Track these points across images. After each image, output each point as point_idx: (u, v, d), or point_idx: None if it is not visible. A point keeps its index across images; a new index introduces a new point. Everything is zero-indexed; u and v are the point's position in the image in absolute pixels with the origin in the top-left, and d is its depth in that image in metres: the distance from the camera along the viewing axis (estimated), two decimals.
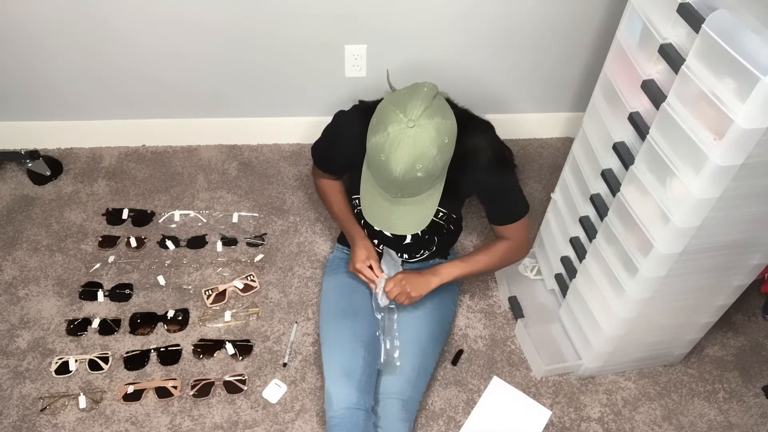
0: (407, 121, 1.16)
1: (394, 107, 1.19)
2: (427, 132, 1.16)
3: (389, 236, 1.54)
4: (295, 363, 1.64)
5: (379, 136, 1.18)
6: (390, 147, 1.17)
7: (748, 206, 1.15)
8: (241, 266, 1.83)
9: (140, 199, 1.99)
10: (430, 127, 1.17)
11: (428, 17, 1.85)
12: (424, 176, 1.20)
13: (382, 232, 1.54)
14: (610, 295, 1.42)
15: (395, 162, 1.17)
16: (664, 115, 1.12)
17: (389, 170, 1.18)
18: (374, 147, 1.19)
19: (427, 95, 1.20)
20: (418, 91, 1.21)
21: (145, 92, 2.00)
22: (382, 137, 1.18)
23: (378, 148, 1.19)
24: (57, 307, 1.72)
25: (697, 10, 1.02)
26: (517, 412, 1.56)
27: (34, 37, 1.81)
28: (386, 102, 1.23)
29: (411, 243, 1.55)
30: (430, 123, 1.17)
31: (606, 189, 1.38)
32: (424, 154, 1.17)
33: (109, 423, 1.52)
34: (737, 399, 1.65)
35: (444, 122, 1.19)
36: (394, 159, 1.17)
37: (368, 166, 1.28)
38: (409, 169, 1.18)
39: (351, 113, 1.44)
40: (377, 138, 1.19)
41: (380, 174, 1.22)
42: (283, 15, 1.81)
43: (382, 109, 1.22)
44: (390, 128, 1.17)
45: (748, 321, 1.80)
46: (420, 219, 1.31)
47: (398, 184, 1.21)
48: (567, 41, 1.97)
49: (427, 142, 1.17)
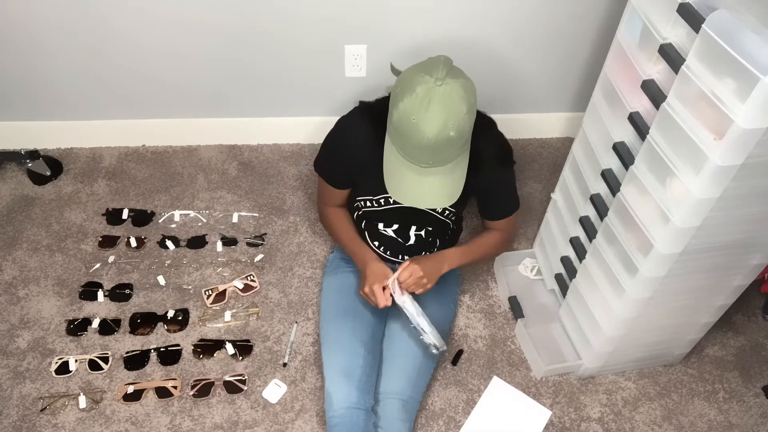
0: (434, 80, 1.15)
1: (418, 71, 1.18)
2: (456, 89, 1.16)
3: (394, 238, 1.53)
4: (295, 363, 1.64)
5: (408, 99, 1.16)
6: (421, 107, 1.14)
7: (748, 206, 1.15)
8: (241, 266, 1.83)
9: (140, 199, 1.99)
10: (457, 84, 1.16)
11: (428, 17, 1.85)
12: (456, 136, 1.18)
13: (388, 237, 1.53)
14: (610, 295, 1.42)
15: (428, 122, 1.15)
16: (664, 115, 1.12)
17: (421, 132, 1.16)
18: (403, 111, 1.17)
19: (445, 61, 1.20)
20: (435, 59, 1.21)
21: (145, 92, 2.00)
22: (411, 99, 1.15)
23: (408, 112, 1.16)
24: (57, 307, 1.72)
25: (697, 10, 1.02)
26: (517, 412, 1.56)
27: (34, 37, 1.81)
28: (407, 72, 1.21)
29: (414, 245, 1.55)
30: (457, 82, 1.17)
31: (606, 189, 1.39)
32: (455, 112, 1.16)
33: (109, 423, 1.52)
34: (737, 399, 1.65)
35: (467, 82, 1.20)
36: (426, 119, 1.14)
37: (395, 137, 1.24)
38: (441, 128, 1.15)
39: (353, 115, 1.43)
40: (406, 102, 1.16)
41: (411, 140, 1.18)
42: (283, 15, 1.81)
43: (405, 77, 1.20)
44: (418, 89, 1.15)
45: (748, 321, 1.80)
46: (451, 190, 1.28)
47: (431, 148, 1.18)
48: (567, 41, 1.97)
49: (457, 99, 1.16)
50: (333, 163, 1.49)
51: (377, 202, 1.48)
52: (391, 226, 1.52)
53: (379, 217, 1.51)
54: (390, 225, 1.52)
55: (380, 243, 1.56)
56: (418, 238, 1.53)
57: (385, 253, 1.58)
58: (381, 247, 1.57)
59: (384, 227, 1.53)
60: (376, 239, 1.56)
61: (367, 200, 1.50)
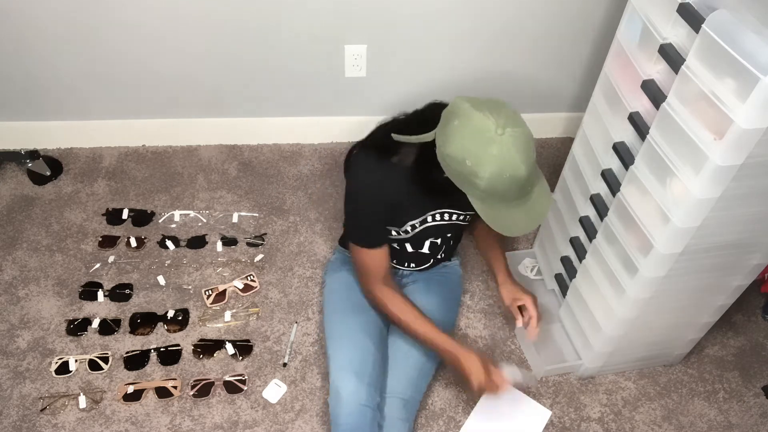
0: (495, 129, 1.11)
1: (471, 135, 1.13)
2: (513, 124, 1.13)
3: (409, 252, 1.52)
4: (295, 363, 1.64)
5: (489, 165, 1.12)
6: (504, 160, 1.11)
7: (748, 206, 1.15)
8: (241, 266, 1.84)
9: (140, 199, 1.99)
10: (508, 118, 1.13)
11: (428, 17, 1.85)
12: (536, 156, 1.18)
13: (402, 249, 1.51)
14: (610, 295, 1.42)
15: (519, 167, 1.12)
16: (664, 115, 1.12)
17: (518, 177, 1.14)
18: (491, 177, 1.13)
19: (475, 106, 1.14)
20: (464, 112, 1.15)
21: (145, 92, 2.00)
22: (491, 161, 1.11)
23: (496, 173, 1.12)
24: (57, 307, 1.72)
25: (697, 10, 1.02)
26: (517, 412, 1.56)
27: (34, 37, 1.81)
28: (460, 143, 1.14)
29: (428, 253, 1.54)
30: (504, 116, 1.13)
31: (606, 189, 1.39)
32: (527, 141, 1.15)
33: (109, 423, 1.52)
34: (737, 399, 1.65)
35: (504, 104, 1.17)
36: (515, 166, 1.12)
37: (490, 197, 1.18)
38: (528, 161, 1.14)
39: (365, 160, 1.34)
40: (489, 169, 1.12)
41: (512, 189, 1.16)
42: (283, 15, 1.81)
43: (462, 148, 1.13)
44: (492, 150, 1.11)
45: (748, 321, 1.80)
46: (547, 189, 1.26)
47: (530, 180, 1.18)
48: (567, 41, 1.98)
49: (521, 132, 1.14)
50: (371, 223, 1.40)
51: (403, 232, 1.45)
52: (406, 243, 1.50)
53: (397, 241, 1.50)
54: (405, 242, 1.50)
55: (400, 260, 1.56)
56: (433, 245, 1.52)
57: (392, 261, 1.57)
58: (401, 261, 1.57)
59: (398, 245, 1.51)
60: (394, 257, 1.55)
61: (392, 230, 1.45)
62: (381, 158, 1.31)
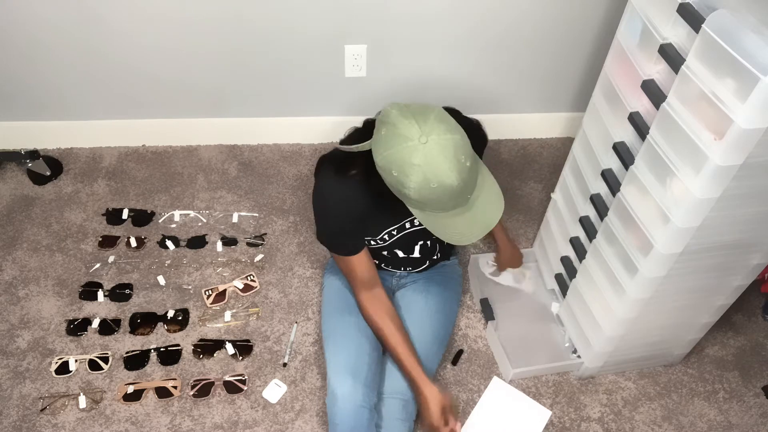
0: (419, 137, 1.07)
1: (397, 146, 1.09)
2: (438, 131, 1.09)
3: (400, 257, 1.52)
4: (295, 363, 1.64)
5: (414, 175, 1.09)
6: (429, 171, 1.08)
7: (748, 206, 1.15)
8: (241, 266, 1.83)
9: (140, 199, 1.99)
10: (434, 125, 1.09)
11: (428, 17, 1.85)
12: (471, 161, 1.13)
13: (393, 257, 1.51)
14: (610, 295, 1.42)
15: (447, 175, 1.08)
16: (664, 115, 1.12)
17: (447, 186, 1.09)
18: (418, 187, 1.10)
19: (401, 115, 1.11)
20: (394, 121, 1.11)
21: (145, 92, 2.00)
22: (417, 173, 1.08)
23: (422, 184, 1.09)
24: (57, 307, 1.72)
25: (697, 10, 1.02)
26: (517, 412, 1.56)
27: (34, 37, 1.81)
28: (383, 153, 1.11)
29: (419, 257, 1.54)
30: (430, 123, 1.10)
31: (606, 189, 1.38)
32: (456, 147, 1.09)
33: (109, 423, 1.52)
34: (737, 399, 1.65)
35: (437, 110, 1.13)
36: (443, 174, 1.08)
37: (425, 207, 1.17)
38: (459, 168, 1.09)
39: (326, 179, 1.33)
40: (414, 179, 1.09)
41: (443, 198, 1.13)
42: (283, 15, 1.81)
43: (390, 159, 1.11)
44: (414, 159, 1.07)
45: (748, 321, 1.80)
46: (496, 194, 1.22)
47: (462, 187, 1.12)
48: (567, 41, 1.97)
49: (447, 136, 1.09)
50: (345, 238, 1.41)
51: (381, 240, 1.45)
52: (396, 249, 1.51)
53: (382, 249, 1.50)
54: (394, 248, 1.50)
55: (382, 261, 1.56)
56: (424, 247, 1.52)
57: (388, 268, 1.58)
58: (383, 263, 1.56)
59: (388, 252, 1.51)
60: (378, 259, 1.55)
61: (369, 240, 1.46)
62: (339, 173, 1.27)
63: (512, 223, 1.99)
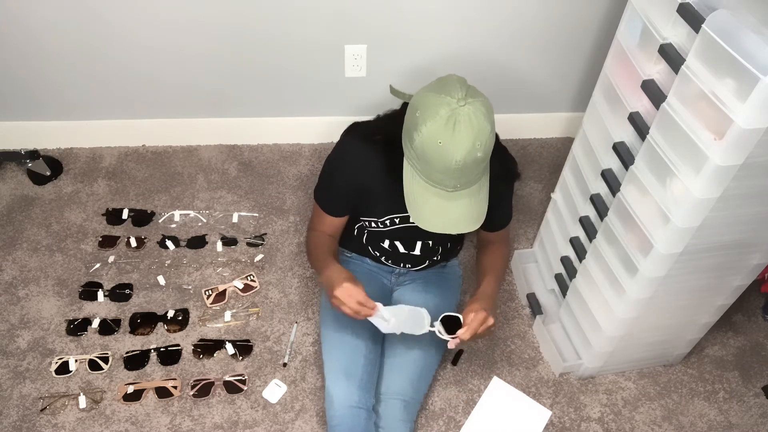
0: (456, 101, 1.10)
1: (437, 94, 1.13)
2: (479, 108, 1.11)
3: (401, 252, 1.52)
4: (295, 363, 1.64)
5: (431, 122, 1.10)
6: (446, 129, 1.09)
7: (748, 206, 1.15)
8: (241, 266, 1.83)
9: (140, 199, 1.99)
10: (479, 103, 1.12)
11: (428, 17, 1.85)
12: (483, 156, 1.14)
13: (393, 250, 1.52)
14: (610, 295, 1.42)
15: (456, 144, 1.10)
16: (664, 115, 1.12)
17: (449, 155, 1.11)
18: (428, 136, 1.11)
19: (461, 81, 1.16)
20: (449, 79, 1.17)
21: (145, 92, 2.00)
22: (435, 122, 1.10)
23: (433, 135, 1.10)
24: (57, 307, 1.72)
25: (697, 10, 1.02)
26: (517, 412, 1.56)
27: (34, 37, 1.81)
28: (423, 95, 1.16)
29: (420, 255, 1.54)
30: (478, 100, 1.12)
31: (606, 189, 1.38)
32: (482, 131, 1.11)
33: (109, 423, 1.52)
34: (737, 399, 1.65)
35: (486, 100, 1.16)
36: (454, 141, 1.10)
37: (418, 163, 1.18)
38: (470, 149, 1.11)
39: (351, 139, 1.37)
40: (429, 125, 1.11)
41: (437, 164, 1.13)
42: (283, 15, 1.81)
43: (422, 100, 1.14)
44: (441, 111, 1.10)
45: (748, 321, 1.80)
46: (478, 212, 1.23)
47: (459, 171, 1.13)
48: (567, 41, 1.97)
49: (482, 118, 1.11)
50: (334, 191, 1.43)
51: (382, 224, 1.46)
52: (397, 241, 1.51)
53: (384, 236, 1.50)
54: (395, 240, 1.50)
55: (382, 253, 1.55)
56: (425, 246, 1.52)
57: (387, 262, 1.58)
58: (383, 257, 1.56)
59: (390, 244, 1.51)
60: (377, 250, 1.55)
61: (371, 221, 1.46)
62: (366, 138, 1.32)
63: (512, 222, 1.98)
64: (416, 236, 1.49)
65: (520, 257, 1.83)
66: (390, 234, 1.48)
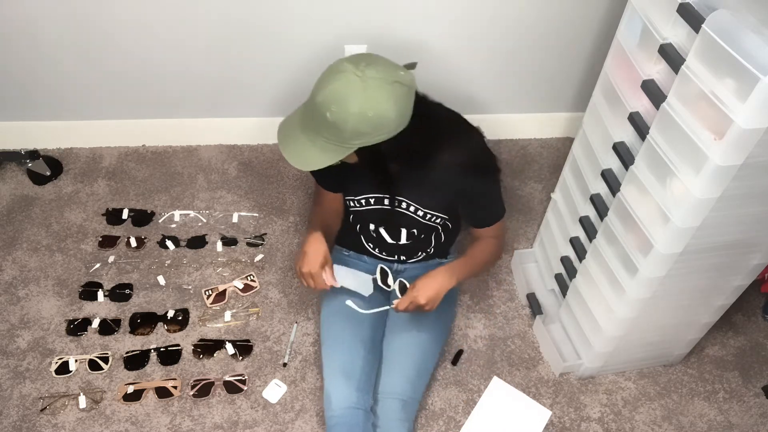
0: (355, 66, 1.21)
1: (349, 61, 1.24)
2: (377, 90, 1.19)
3: (386, 239, 1.53)
4: (295, 363, 1.64)
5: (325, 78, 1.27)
6: (330, 70, 1.26)
7: (748, 206, 1.15)
8: (241, 266, 1.83)
9: (140, 199, 1.99)
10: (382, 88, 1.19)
11: (428, 18, 1.85)
12: (331, 119, 1.21)
13: (381, 239, 1.54)
14: (610, 295, 1.42)
15: (320, 86, 1.24)
16: (664, 115, 1.12)
17: (313, 96, 1.25)
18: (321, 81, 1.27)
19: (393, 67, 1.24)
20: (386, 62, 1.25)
21: (145, 92, 2.00)
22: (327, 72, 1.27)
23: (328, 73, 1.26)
24: (57, 307, 1.72)
25: (697, 10, 1.02)
26: (517, 412, 1.56)
27: (34, 37, 1.81)
28: None
29: (407, 244, 1.54)
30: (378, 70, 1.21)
31: (606, 189, 1.38)
32: (350, 92, 1.20)
33: (109, 423, 1.52)
34: (737, 399, 1.65)
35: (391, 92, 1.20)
36: (321, 84, 1.25)
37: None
38: (325, 102, 1.23)
39: None
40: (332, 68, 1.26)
41: (312, 93, 1.26)
42: (283, 15, 1.81)
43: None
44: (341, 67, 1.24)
45: (748, 321, 1.80)
46: (302, 159, 1.29)
47: (307, 107, 1.27)
48: (567, 41, 1.97)
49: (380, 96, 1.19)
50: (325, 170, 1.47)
51: (359, 202, 1.48)
52: (381, 227, 1.52)
53: (365, 216, 1.51)
54: (379, 225, 1.51)
55: (374, 245, 1.56)
56: (411, 235, 1.52)
57: (381, 254, 1.59)
58: (376, 248, 1.57)
59: (374, 229, 1.52)
60: (370, 241, 1.56)
61: (352, 200, 1.50)
62: None
63: (512, 223, 1.99)
64: (396, 221, 1.49)
65: (520, 257, 1.83)
66: (369, 215, 1.50)
